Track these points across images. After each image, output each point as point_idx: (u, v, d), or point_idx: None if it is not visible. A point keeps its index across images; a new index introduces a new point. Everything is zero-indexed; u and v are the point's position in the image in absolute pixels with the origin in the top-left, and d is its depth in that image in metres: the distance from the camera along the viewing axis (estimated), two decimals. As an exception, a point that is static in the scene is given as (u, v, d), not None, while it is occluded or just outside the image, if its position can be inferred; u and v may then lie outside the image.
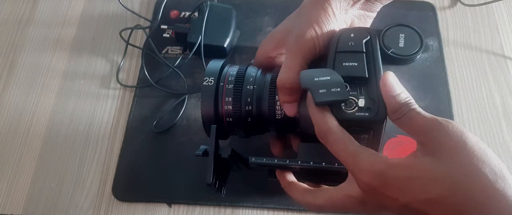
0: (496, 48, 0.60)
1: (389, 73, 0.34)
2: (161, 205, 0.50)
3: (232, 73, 0.43)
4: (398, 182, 0.30)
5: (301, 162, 0.38)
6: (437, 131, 0.30)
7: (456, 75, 0.58)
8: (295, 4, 0.63)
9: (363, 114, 0.34)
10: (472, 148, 0.29)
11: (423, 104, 0.55)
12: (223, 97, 0.42)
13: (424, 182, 0.29)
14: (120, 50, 0.61)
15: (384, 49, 0.57)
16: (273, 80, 0.42)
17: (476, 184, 0.27)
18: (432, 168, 0.29)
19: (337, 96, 0.33)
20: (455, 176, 0.28)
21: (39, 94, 0.58)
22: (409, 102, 0.32)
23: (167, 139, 0.54)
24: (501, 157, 0.52)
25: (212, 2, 0.60)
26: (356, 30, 0.37)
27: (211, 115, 0.42)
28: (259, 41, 0.60)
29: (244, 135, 0.44)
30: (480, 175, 0.28)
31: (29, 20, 0.65)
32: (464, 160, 0.28)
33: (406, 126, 0.32)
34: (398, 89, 0.33)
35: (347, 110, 0.34)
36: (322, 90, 0.34)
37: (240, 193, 0.50)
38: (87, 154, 0.53)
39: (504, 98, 0.56)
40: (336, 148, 0.33)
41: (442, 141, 0.29)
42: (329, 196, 0.36)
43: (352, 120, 0.34)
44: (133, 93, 0.57)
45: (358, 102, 0.35)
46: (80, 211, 0.50)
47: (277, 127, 0.42)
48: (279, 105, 0.41)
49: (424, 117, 0.31)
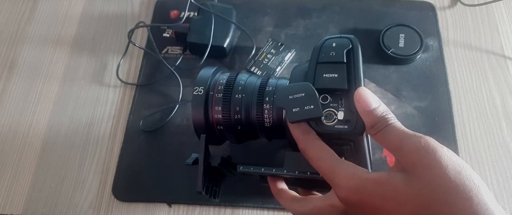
0: (496, 48, 0.60)
1: (363, 88, 0.33)
2: (161, 205, 0.50)
3: (221, 82, 0.43)
4: (373, 200, 0.30)
5: (287, 171, 0.38)
6: (409, 148, 0.29)
7: (456, 75, 0.58)
8: (295, 4, 0.64)
9: (343, 126, 0.34)
10: (445, 166, 0.28)
11: (423, 104, 0.55)
12: (212, 106, 0.42)
13: (397, 202, 0.29)
14: (120, 50, 0.61)
15: (384, 49, 0.57)
16: (261, 88, 0.42)
17: (449, 208, 0.27)
18: (404, 186, 0.29)
19: (309, 114, 0.34)
20: (427, 196, 0.27)
21: (39, 94, 0.58)
22: (386, 117, 0.32)
23: (167, 139, 0.54)
24: (501, 157, 0.52)
25: (212, 2, 0.60)
26: (338, 39, 0.37)
27: (202, 124, 0.42)
28: (259, 41, 0.60)
29: (235, 141, 0.45)
30: (454, 195, 0.27)
31: (29, 20, 0.65)
32: (437, 180, 0.28)
33: (383, 142, 0.32)
34: (373, 103, 0.32)
35: (327, 122, 0.35)
36: (295, 109, 0.34)
37: (240, 193, 0.50)
38: (87, 154, 0.53)
39: (504, 98, 0.56)
40: (314, 163, 0.34)
41: (414, 158, 0.29)
42: (314, 205, 0.36)
43: (330, 133, 0.34)
44: (133, 93, 0.57)
45: (338, 115, 0.35)
46: (80, 211, 0.50)
47: (266, 134, 0.43)
48: (267, 113, 0.41)
49: (398, 132, 0.31)
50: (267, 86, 0.42)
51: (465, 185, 0.27)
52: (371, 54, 0.58)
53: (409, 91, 0.56)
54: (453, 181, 0.27)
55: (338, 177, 0.31)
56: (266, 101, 0.41)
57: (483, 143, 0.53)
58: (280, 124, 0.41)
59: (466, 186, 0.27)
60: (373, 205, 0.30)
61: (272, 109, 0.41)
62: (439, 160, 0.28)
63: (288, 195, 0.40)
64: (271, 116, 0.41)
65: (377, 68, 0.57)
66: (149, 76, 0.59)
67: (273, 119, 0.41)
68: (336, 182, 0.31)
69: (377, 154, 0.51)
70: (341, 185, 0.31)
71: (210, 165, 0.42)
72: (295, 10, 0.63)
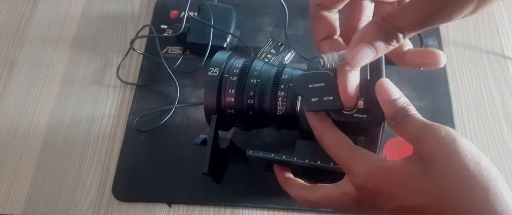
0: (496, 48, 0.60)
1: (385, 79, 0.33)
2: (161, 205, 0.50)
3: (237, 66, 0.43)
4: (388, 187, 0.30)
5: (297, 159, 0.38)
6: (428, 137, 0.29)
7: (456, 75, 0.58)
8: (295, 4, 0.64)
9: (362, 115, 0.34)
10: (464, 156, 0.28)
11: (423, 104, 0.55)
12: (226, 88, 0.42)
13: (411, 190, 0.29)
14: (120, 50, 0.61)
15: (384, 49, 0.57)
16: (277, 75, 0.42)
17: (465, 197, 0.27)
18: (421, 176, 0.29)
19: (328, 105, 0.34)
20: (444, 186, 0.28)
21: (39, 94, 0.58)
22: (406, 108, 0.32)
23: (167, 139, 0.54)
24: (501, 157, 0.52)
25: (212, 2, 0.60)
26: None
27: (213, 105, 0.42)
28: (259, 41, 0.60)
29: (245, 127, 0.45)
30: (471, 184, 0.27)
31: (29, 20, 0.65)
32: (454, 170, 0.28)
33: (402, 132, 0.32)
34: (395, 94, 0.32)
35: (346, 111, 0.34)
36: (314, 99, 0.34)
37: (240, 193, 0.50)
38: (87, 154, 0.53)
39: (504, 98, 0.56)
40: (330, 150, 0.34)
41: (433, 148, 0.29)
42: (325, 192, 0.36)
43: (349, 121, 0.34)
44: (133, 93, 0.57)
45: (358, 104, 0.35)
46: (80, 211, 0.50)
47: (277, 123, 0.43)
48: (280, 101, 0.41)
49: (418, 123, 0.31)
50: (283, 74, 0.42)
51: (482, 175, 0.27)
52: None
53: (409, 91, 0.56)
54: (471, 171, 0.27)
55: (354, 163, 0.31)
56: (281, 89, 0.41)
57: (483, 143, 0.53)
58: (292, 113, 0.41)
59: (484, 177, 0.27)
60: (388, 192, 0.30)
61: (286, 97, 0.41)
62: (458, 150, 0.28)
63: (296, 182, 0.39)
64: (284, 104, 0.41)
65: (377, 68, 0.57)
66: (149, 77, 0.59)
67: (286, 107, 0.41)
68: (352, 168, 0.32)
69: (377, 154, 0.51)
70: (357, 171, 0.31)
71: (218, 147, 0.41)
72: (295, 10, 0.63)
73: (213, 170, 0.41)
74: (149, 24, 0.61)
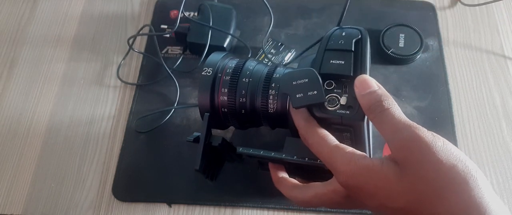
0: (496, 48, 0.60)
1: (364, 75, 0.34)
2: (161, 205, 0.50)
3: (230, 66, 0.44)
4: (368, 187, 0.30)
5: (286, 156, 0.38)
6: (400, 142, 0.29)
7: (456, 75, 0.58)
8: (295, 4, 0.64)
9: (344, 111, 0.35)
10: (439, 161, 0.27)
11: (423, 104, 0.55)
12: (219, 88, 0.43)
13: (389, 193, 0.29)
14: (120, 50, 0.61)
15: (384, 49, 0.57)
16: (268, 74, 0.42)
17: (443, 200, 0.27)
18: (396, 180, 0.29)
19: (313, 100, 0.34)
20: (420, 191, 0.27)
21: (39, 94, 0.58)
22: (384, 101, 0.32)
23: (167, 139, 0.54)
24: (501, 157, 0.52)
25: (211, 2, 0.60)
26: (348, 29, 0.38)
27: (207, 104, 0.43)
28: (259, 41, 0.60)
29: (239, 126, 0.45)
30: (448, 189, 0.27)
31: (29, 20, 0.65)
32: (429, 175, 0.27)
33: (379, 127, 0.32)
34: (372, 87, 0.33)
35: (329, 107, 0.35)
36: (299, 95, 0.35)
37: (239, 193, 0.50)
38: (87, 154, 0.53)
39: (504, 98, 0.56)
40: (315, 149, 0.34)
41: (405, 153, 0.29)
42: (316, 191, 0.36)
43: (332, 118, 0.35)
44: (133, 93, 0.57)
45: (340, 100, 0.35)
46: (80, 211, 0.50)
47: (269, 121, 0.43)
48: (272, 99, 0.41)
49: (393, 122, 0.30)
50: (274, 73, 0.42)
51: (460, 178, 0.27)
52: (371, 54, 0.58)
53: (409, 91, 0.56)
54: (446, 175, 0.27)
55: (336, 162, 0.32)
56: (272, 87, 0.41)
57: (483, 143, 0.53)
58: (283, 111, 0.41)
59: (462, 179, 0.27)
60: (370, 191, 0.30)
61: (277, 96, 0.41)
62: (432, 155, 0.28)
63: (289, 182, 0.40)
64: (275, 102, 0.41)
65: (377, 68, 0.57)
66: (149, 76, 0.59)
67: (277, 106, 0.41)
68: (334, 167, 0.32)
69: (378, 154, 0.51)
70: (340, 169, 0.31)
71: (211, 145, 0.42)
72: (295, 10, 0.63)
73: (207, 167, 0.42)
74: (149, 24, 0.61)
